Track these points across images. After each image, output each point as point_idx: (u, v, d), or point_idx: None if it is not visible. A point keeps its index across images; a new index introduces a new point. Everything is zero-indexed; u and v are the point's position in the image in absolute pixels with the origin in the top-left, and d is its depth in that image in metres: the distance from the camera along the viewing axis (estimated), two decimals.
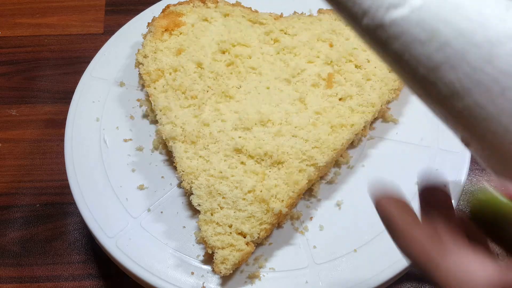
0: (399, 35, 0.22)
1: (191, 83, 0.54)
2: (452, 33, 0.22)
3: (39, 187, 0.61)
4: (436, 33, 0.22)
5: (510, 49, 0.21)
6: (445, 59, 0.22)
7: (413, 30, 0.22)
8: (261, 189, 0.47)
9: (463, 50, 0.22)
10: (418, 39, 0.22)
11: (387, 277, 0.46)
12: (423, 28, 0.22)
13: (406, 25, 0.22)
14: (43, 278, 0.55)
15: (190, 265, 0.47)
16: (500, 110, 0.22)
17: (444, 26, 0.22)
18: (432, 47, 0.22)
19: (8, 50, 0.73)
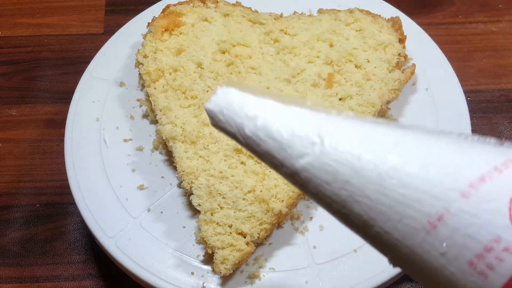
0: (310, 179, 0.26)
1: (191, 83, 0.54)
2: (350, 172, 0.25)
3: (39, 187, 0.61)
4: (337, 174, 0.25)
5: (398, 180, 0.25)
6: (349, 195, 0.25)
7: (319, 173, 0.26)
8: (261, 189, 0.47)
9: (361, 186, 0.25)
10: (324, 181, 0.26)
11: (387, 277, 0.46)
12: (326, 171, 0.26)
13: (312, 170, 0.26)
14: (43, 278, 0.55)
15: (190, 265, 0.47)
16: (403, 235, 0.25)
17: (342, 167, 0.25)
18: (336, 186, 0.25)
19: (8, 50, 0.73)
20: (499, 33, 0.72)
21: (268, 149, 0.27)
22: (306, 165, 0.26)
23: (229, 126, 0.27)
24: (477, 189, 0.24)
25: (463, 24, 0.73)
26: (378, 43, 0.56)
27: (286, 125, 0.26)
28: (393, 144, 0.26)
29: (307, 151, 0.26)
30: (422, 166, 0.25)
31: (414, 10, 0.74)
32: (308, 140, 0.26)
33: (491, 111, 0.65)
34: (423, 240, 0.24)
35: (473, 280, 0.24)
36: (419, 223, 0.24)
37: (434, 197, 0.24)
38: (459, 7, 0.75)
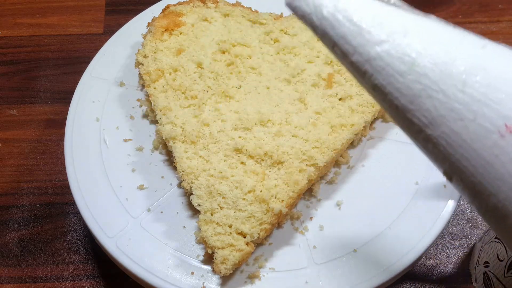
0: (383, 68, 0.25)
1: (191, 83, 0.54)
2: (429, 64, 0.24)
3: (39, 187, 0.61)
4: (414, 65, 0.24)
5: (482, 78, 0.23)
6: (423, 89, 0.24)
7: (394, 62, 0.25)
8: (261, 189, 0.47)
9: (440, 80, 0.24)
10: (398, 71, 0.25)
11: (387, 277, 0.46)
12: (403, 61, 0.24)
13: (388, 58, 0.25)
14: (43, 278, 0.55)
15: (190, 265, 0.47)
16: (473, 136, 0.24)
17: (421, 58, 0.24)
18: (410, 78, 0.24)
19: (8, 50, 0.73)
20: (499, 33, 0.72)
21: (343, 33, 0.25)
22: (383, 53, 0.25)
23: (305, 5, 0.26)
24: None
25: (463, 24, 0.73)
26: None
27: (369, 11, 0.25)
28: (480, 47, 0.24)
29: (387, 39, 0.25)
30: (506, 68, 0.23)
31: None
32: (390, 29, 0.25)
33: None
34: (494, 144, 0.23)
35: None
36: (495, 124, 0.23)
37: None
38: (459, 7, 0.75)
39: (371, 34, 0.25)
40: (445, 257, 0.56)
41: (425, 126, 0.25)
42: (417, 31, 0.25)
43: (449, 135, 0.24)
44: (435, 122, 0.24)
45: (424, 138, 0.25)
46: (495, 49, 0.25)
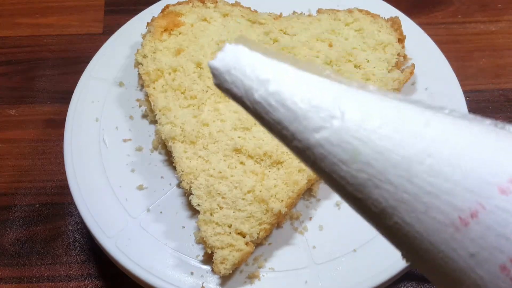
0: (324, 156, 0.23)
1: (190, 83, 0.54)
2: (372, 153, 0.22)
3: (38, 187, 0.61)
4: (357, 153, 0.23)
5: (428, 166, 0.22)
6: (368, 179, 0.22)
7: (336, 151, 0.23)
8: (261, 189, 0.47)
9: (384, 170, 0.22)
10: (341, 160, 0.23)
11: (387, 277, 0.46)
12: (344, 149, 0.23)
13: (329, 146, 0.23)
14: (43, 278, 0.55)
15: (189, 265, 0.47)
16: (428, 229, 0.22)
17: (363, 146, 0.22)
18: (354, 167, 0.23)
19: (8, 50, 0.73)
20: (499, 32, 0.72)
21: (279, 119, 0.24)
22: (322, 141, 0.23)
23: (235, 88, 0.24)
24: None
25: (463, 24, 0.73)
26: (377, 43, 0.56)
27: (303, 93, 0.23)
28: (423, 125, 0.23)
29: (325, 125, 0.23)
30: (457, 154, 0.22)
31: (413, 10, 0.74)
32: (327, 112, 0.23)
33: (491, 110, 0.65)
34: (451, 237, 0.22)
35: (501, 286, 0.21)
36: (448, 218, 0.22)
37: (468, 190, 0.21)
38: (458, 7, 0.75)
39: (308, 120, 0.23)
40: None
41: (376, 216, 0.23)
42: (357, 113, 0.23)
43: (402, 226, 0.23)
44: (386, 213, 0.23)
45: (378, 226, 0.24)
46: (440, 126, 0.23)
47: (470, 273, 0.22)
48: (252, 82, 0.24)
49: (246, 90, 0.24)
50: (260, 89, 0.24)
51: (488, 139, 0.22)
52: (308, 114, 0.23)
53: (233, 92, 0.24)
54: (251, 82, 0.24)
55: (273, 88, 0.23)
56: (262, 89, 0.24)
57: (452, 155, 0.22)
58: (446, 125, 0.23)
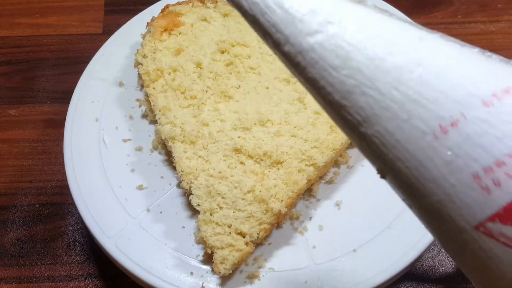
0: (315, 61, 0.23)
1: (190, 83, 0.54)
2: (364, 59, 0.23)
3: (38, 187, 0.61)
4: (348, 59, 0.23)
5: (417, 76, 0.22)
6: (356, 85, 0.23)
7: (328, 56, 0.23)
8: (261, 189, 0.47)
9: (373, 76, 0.23)
10: (332, 65, 0.23)
11: (387, 277, 0.46)
12: (336, 54, 0.23)
13: (322, 51, 0.23)
14: (42, 278, 0.55)
15: (189, 265, 0.47)
16: (407, 137, 0.23)
17: (356, 52, 0.23)
18: (344, 73, 0.23)
19: (7, 50, 0.73)
20: (498, 32, 0.72)
21: (274, 21, 0.24)
22: (315, 45, 0.23)
23: None
24: (501, 99, 0.22)
25: (462, 24, 0.73)
26: None
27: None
28: (418, 39, 0.23)
29: (320, 29, 0.23)
30: (447, 66, 0.22)
31: (413, 10, 0.74)
32: (324, 16, 0.23)
33: None
34: (428, 145, 0.22)
35: (474, 195, 0.22)
36: (429, 125, 0.22)
37: (452, 100, 0.22)
38: (458, 7, 0.75)
39: (304, 23, 0.23)
40: (445, 257, 0.56)
41: (359, 124, 0.24)
42: (353, 22, 0.23)
43: (383, 134, 0.23)
44: (369, 120, 0.23)
45: (358, 136, 0.24)
46: (433, 42, 0.24)
47: (443, 181, 0.22)
48: None
49: None
50: None
51: (477, 59, 0.23)
52: (304, 17, 0.23)
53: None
54: None
55: None
56: None
57: (441, 67, 0.22)
58: (439, 42, 0.24)
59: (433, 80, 0.22)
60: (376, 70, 0.23)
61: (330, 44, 0.23)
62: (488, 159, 0.21)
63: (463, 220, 0.22)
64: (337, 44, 0.23)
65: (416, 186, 0.23)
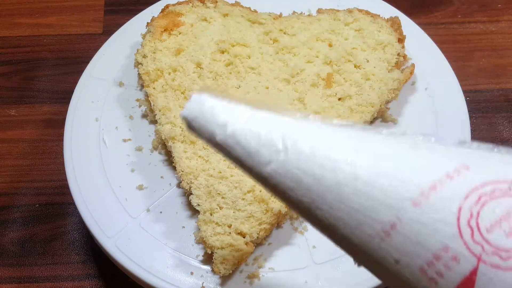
0: (276, 185, 0.27)
1: (190, 83, 0.54)
2: (311, 180, 0.26)
3: (38, 187, 0.61)
4: (300, 181, 0.26)
5: (354, 188, 0.25)
6: (311, 202, 0.26)
7: (283, 180, 0.26)
8: (261, 189, 0.47)
9: (322, 194, 0.26)
10: (289, 187, 0.26)
11: None
12: (290, 178, 0.26)
13: (277, 177, 0.26)
14: (42, 278, 0.55)
15: (189, 265, 0.47)
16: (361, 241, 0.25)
17: (303, 174, 0.26)
18: (299, 193, 0.26)
19: (7, 50, 0.73)
20: (498, 32, 0.72)
21: (238, 156, 0.27)
22: (272, 172, 0.27)
23: (202, 133, 0.28)
24: (428, 197, 0.24)
25: (462, 24, 0.73)
26: (377, 43, 0.56)
27: (253, 132, 0.27)
28: (352, 151, 0.26)
29: (272, 159, 0.26)
30: (378, 174, 0.25)
31: (413, 10, 0.74)
32: (273, 147, 0.26)
33: (491, 110, 0.65)
34: (378, 247, 0.25)
35: (426, 286, 0.24)
36: (374, 230, 0.25)
37: (387, 206, 0.25)
38: (458, 7, 0.75)
39: (259, 156, 0.26)
40: None
41: (326, 231, 0.27)
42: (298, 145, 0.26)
43: (344, 240, 0.26)
44: (329, 230, 0.26)
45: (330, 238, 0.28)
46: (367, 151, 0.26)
47: (399, 275, 0.25)
48: (213, 127, 0.27)
49: (209, 134, 0.27)
50: (220, 132, 0.27)
51: (408, 156, 0.26)
52: (258, 150, 0.27)
53: (201, 137, 0.28)
54: (212, 127, 0.27)
55: (230, 130, 0.27)
56: (221, 132, 0.27)
57: (374, 176, 0.25)
58: (373, 148, 0.26)
59: (369, 190, 0.25)
60: (323, 188, 0.26)
61: (283, 170, 0.26)
62: (427, 255, 0.24)
63: None
64: (288, 169, 0.26)
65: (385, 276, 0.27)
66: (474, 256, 0.24)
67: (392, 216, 0.25)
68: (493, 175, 0.25)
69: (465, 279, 0.24)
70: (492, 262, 0.23)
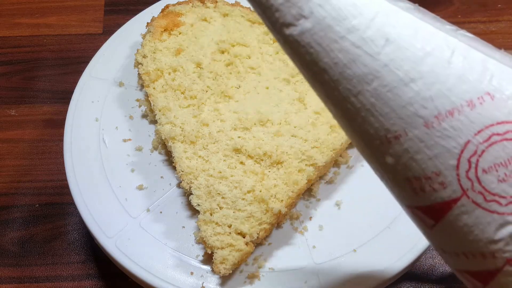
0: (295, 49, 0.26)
1: (190, 83, 0.54)
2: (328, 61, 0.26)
3: (38, 187, 0.61)
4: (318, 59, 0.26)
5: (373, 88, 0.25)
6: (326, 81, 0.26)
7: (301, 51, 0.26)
8: (261, 189, 0.47)
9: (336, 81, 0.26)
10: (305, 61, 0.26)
11: (387, 277, 0.46)
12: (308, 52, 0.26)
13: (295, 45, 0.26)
14: (42, 278, 0.55)
15: (189, 265, 0.47)
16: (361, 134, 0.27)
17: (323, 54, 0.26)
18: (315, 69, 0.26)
19: (7, 50, 0.73)
20: (499, 32, 0.72)
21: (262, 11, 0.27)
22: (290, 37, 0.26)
23: None
24: (441, 122, 0.25)
25: (463, 24, 0.73)
26: None
27: None
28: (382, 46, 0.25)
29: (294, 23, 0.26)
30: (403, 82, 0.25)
31: None
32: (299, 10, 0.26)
33: None
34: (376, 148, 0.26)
35: (407, 190, 0.26)
36: (377, 134, 0.26)
37: (400, 118, 0.25)
38: (458, 7, 0.75)
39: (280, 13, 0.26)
40: None
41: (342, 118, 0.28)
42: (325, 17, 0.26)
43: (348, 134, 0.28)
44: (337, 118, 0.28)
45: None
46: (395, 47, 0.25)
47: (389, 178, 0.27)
48: None
49: None
50: None
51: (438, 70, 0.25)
52: (280, 7, 0.26)
53: None
54: None
55: None
56: None
57: (396, 82, 0.25)
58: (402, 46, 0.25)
59: (387, 96, 0.25)
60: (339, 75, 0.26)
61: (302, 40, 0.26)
62: (418, 172, 0.25)
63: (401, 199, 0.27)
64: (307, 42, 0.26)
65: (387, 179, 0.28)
66: (461, 189, 0.25)
67: (400, 127, 0.25)
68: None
69: (443, 203, 0.25)
70: (475, 199, 0.24)
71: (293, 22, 0.25)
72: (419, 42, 0.25)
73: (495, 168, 0.24)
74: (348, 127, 0.27)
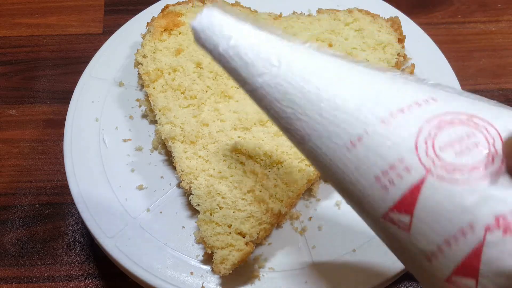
0: (264, 96, 0.31)
1: (190, 83, 0.54)
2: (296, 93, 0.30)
3: (38, 187, 0.61)
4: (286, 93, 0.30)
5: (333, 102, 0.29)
6: (293, 112, 0.30)
7: (272, 91, 0.30)
8: (261, 189, 0.47)
9: (303, 105, 0.30)
10: (275, 98, 0.30)
11: (386, 277, 0.46)
12: (278, 90, 0.30)
13: (268, 88, 0.30)
14: (42, 278, 0.55)
15: (189, 265, 0.47)
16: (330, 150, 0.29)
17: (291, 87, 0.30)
18: (284, 104, 0.30)
19: (7, 50, 0.73)
20: (498, 32, 0.72)
21: (235, 67, 0.31)
22: (263, 83, 0.30)
23: (207, 43, 0.31)
24: (395, 117, 0.28)
25: (462, 24, 0.73)
26: (377, 42, 0.56)
27: (253, 46, 0.30)
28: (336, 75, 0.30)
29: (265, 71, 0.30)
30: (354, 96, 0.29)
31: (413, 10, 0.74)
32: (269, 61, 0.30)
33: None
34: (344, 156, 0.29)
35: (377, 193, 0.28)
36: (343, 141, 0.29)
37: (358, 120, 0.28)
38: (458, 7, 0.75)
39: (254, 67, 0.30)
40: None
41: (300, 142, 0.31)
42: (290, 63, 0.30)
43: (315, 149, 0.30)
44: (304, 139, 0.30)
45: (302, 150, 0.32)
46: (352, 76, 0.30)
47: (356, 183, 0.29)
48: (218, 38, 0.31)
49: (214, 45, 0.31)
50: (224, 43, 0.30)
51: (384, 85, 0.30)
52: (255, 62, 0.30)
53: (206, 47, 0.31)
54: (217, 38, 0.31)
55: (233, 42, 0.30)
56: (225, 43, 0.30)
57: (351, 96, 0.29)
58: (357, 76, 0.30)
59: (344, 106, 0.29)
60: (305, 100, 0.30)
61: (273, 82, 0.30)
62: (384, 164, 0.27)
63: (374, 211, 0.29)
64: (278, 82, 0.30)
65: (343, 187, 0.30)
66: (424, 168, 0.26)
67: (360, 129, 0.28)
68: (456, 108, 0.28)
69: (412, 188, 0.27)
70: (439, 174, 0.26)
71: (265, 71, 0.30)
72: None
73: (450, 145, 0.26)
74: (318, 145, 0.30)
